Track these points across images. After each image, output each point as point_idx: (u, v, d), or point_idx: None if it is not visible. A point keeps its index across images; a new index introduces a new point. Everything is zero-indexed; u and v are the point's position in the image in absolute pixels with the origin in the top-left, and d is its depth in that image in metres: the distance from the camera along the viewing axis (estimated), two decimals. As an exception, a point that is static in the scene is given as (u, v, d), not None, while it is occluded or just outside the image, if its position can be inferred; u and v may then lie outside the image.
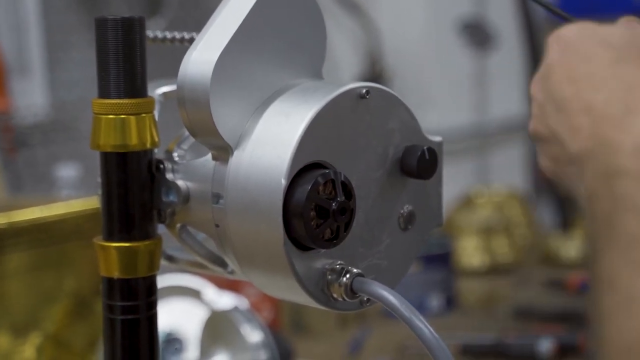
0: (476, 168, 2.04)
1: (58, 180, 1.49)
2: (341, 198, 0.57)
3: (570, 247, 1.64)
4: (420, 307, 1.39)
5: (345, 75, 2.05)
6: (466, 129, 2.00)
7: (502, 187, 1.84)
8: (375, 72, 2.02)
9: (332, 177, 0.57)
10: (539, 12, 2.00)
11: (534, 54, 2.01)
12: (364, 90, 0.59)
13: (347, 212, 0.57)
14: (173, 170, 0.61)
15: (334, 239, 0.57)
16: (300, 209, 0.56)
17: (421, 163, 0.60)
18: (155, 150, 0.62)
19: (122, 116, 0.60)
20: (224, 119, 0.58)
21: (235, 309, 1.02)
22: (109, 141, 0.60)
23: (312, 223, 0.56)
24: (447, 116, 1.99)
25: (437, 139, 0.62)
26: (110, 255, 0.61)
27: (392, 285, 0.59)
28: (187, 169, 0.61)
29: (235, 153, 0.58)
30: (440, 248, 1.43)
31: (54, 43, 1.74)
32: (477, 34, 2.07)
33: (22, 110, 1.57)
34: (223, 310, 1.02)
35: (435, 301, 1.40)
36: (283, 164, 0.56)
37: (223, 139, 0.57)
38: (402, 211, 0.61)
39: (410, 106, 0.60)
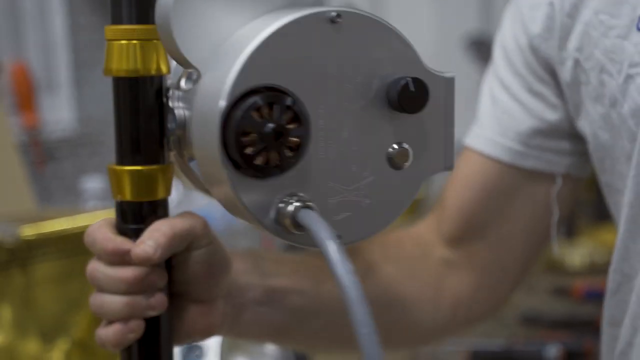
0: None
1: (84, 192, 1.48)
2: (278, 122, 0.51)
3: (575, 255, 1.62)
4: (431, 314, 1.37)
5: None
6: (472, 141, 1.99)
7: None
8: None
9: (273, 100, 0.51)
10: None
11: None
12: (334, 14, 0.52)
13: (283, 137, 0.51)
14: (179, 99, 0.58)
15: (276, 167, 0.52)
16: (231, 131, 0.51)
17: (404, 94, 0.53)
18: (169, 79, 0.59)
19: (134, 41, 0.57)
20: (189, 43, 0.54)
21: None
22: (121, 66, 0.57)
23: (247, 147, 0.51)
24: (454, 130, 1.98)
25: (448, 74, 0.55)
26: (122, 179, 0.59)
27: (379, 226, 0.55)
28: (186, 96, 0.57)
29: (202, 76, 0.54)
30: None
31: (80, 61, 1.73)
32: (482, 50, 2.06)
33: (50, 126, 1.57)
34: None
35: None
36: (225, 85, 0.51)
37: (190, 62, 0.54)
38: (392, 148, 0.54)
39: None
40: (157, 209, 0.59)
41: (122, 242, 0.58)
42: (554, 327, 1.29)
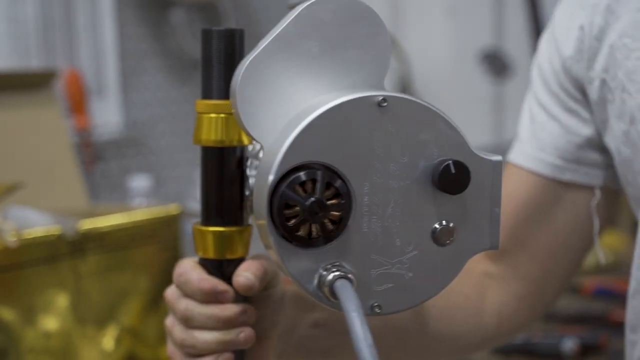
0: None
1: (130, 190, 1.49)
2: (317, 196, 0.52)
3: (585, 256, 1.62)
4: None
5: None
6: (485, 149, 1.99)
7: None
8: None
9: (314, 176, 0.52)
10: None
11: (546, 82, 2.00)
12: (380, 98, 0.52)
13: (323, 211, 0.52)
14: (255, 167, 0.60)
15: (318, 238, 0.52)
16: (277, 203, 0.52)
17: (445, 176, 0.53)
18: (250, 147, 0.62)
19: (221, 115, 0.60)
20: (253, 119, 0.55)
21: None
22: (209, 137, 0.60)
23: (291, 219, 0.52)
24: (469, 137, 1.98)
25: (495, 157, 0.55)
26: (206, 238, 0.61)
27: (420, 298, 0.55)
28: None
29: (263, 150, 0.56)
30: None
31: (127, 69, 1.74)
32: (496, 64, 2.06)
33: (99, 128, 1.58)
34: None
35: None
36: (275, 161, 0.52)
37: (252, 136, 0.55)
38: (437, 225, 0.54)
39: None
40: (236, 266, 0.62)
41: (218, 283, 0.60)
42: (569, 321, 1.29)
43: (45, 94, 1.27)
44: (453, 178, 0.53)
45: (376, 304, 0.55)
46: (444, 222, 0.54)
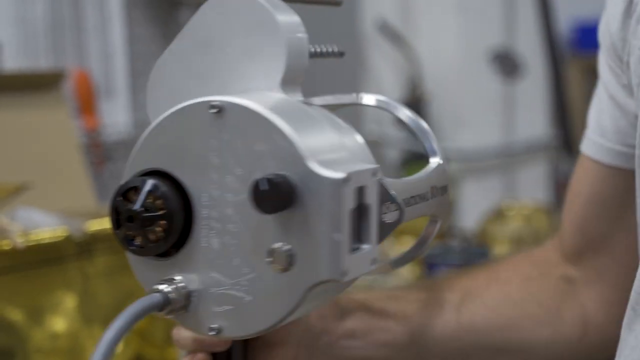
0: (504, 184, 2.03)
1: (139, 190, 1.49)
2: (133, 206, 0.50)
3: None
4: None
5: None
6: (496, 149, 1.98)
7: (529, 201, 1.82)
8: (415, 96, 2.00)
9: (137, 184, 0.51)
10: (562, 43, 1.98)
11: (557, 82, 1.99)
12: (216, 105, 0.50)
13: (136, 221, 0.50)
14: None
15: (141, 247, 0.51)
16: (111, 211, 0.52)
17: (255, 193, 0.48)
18: None
19: None
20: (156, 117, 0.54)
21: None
22: None
23: (120, 227, 0.51)
24: (479, 137, 1.97)
25: (335, 175, 0.47)
26: None
27: (261, 324, 0.51)
28: None
29: None
30: (479, 256, 1.41)
31: (136, 70, 1.74)
32: (506, 63, 2.05)
33: (108, 129, 1.58)
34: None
35: (474, 304, 1.38)
36: (126, 166, 0.53)
37: None
38: (273, 247, 0.49)
39: (445, 127, 0.53)
40: None
41: None
42: None
43: (54, 94, 1.27)
44: (264, 196, 0.47)
45: (214, 326, 0.52)
46: (280, 245, 0.49)
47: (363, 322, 0.67)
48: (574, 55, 2.34)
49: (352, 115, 0.62)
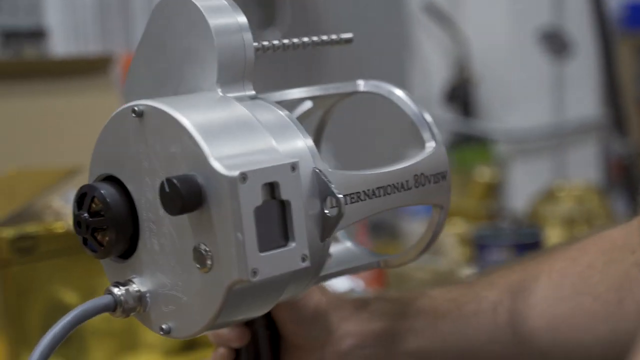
0: (555, 164, 2.00)
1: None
2: (80, 212, 0.52)
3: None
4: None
5: (435, 81, 2.03)
6: (545, 129, 1.96)
7: (580, 181, 1.79)
8: (463, 77, 1.99)
9: (84, 190, 0.53)
10: (613, 22, 1.95)
11: (608, 61, 1.96)
12: (136, 109, 0.51)
13: (82, 226, 0.52)
14: None
15: (94, 250, 0.53)
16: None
17: (161, 195, 0.49)
18: None
19: None
20: None
21: (352, 290, 1.01)
22: None
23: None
24: (529, 117, 1.95)
25: (231, 173, 0.48)
26: None
27: (197, 325, 0.51)
28: None
29: None
30: (531, 237, 1.39)
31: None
32: (556, 43, 2.02)
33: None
34: (341, 292, 1.01)
35: (526, 285, 1.37)
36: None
37: None
38: (196, 247, 0.50)
39: (494, 108, 0.51)
40: None
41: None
42: None
43: (102, 79, 1.28)
44: (168, 197, 0.49)
45: (164, 326, 0.53)
46: (200, 245, 0.50)
47: (390, 324, 0.64)
48: (624, 33, 2.30)
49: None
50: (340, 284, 1.07)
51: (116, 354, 1.08)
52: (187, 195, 0.48)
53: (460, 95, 1.97)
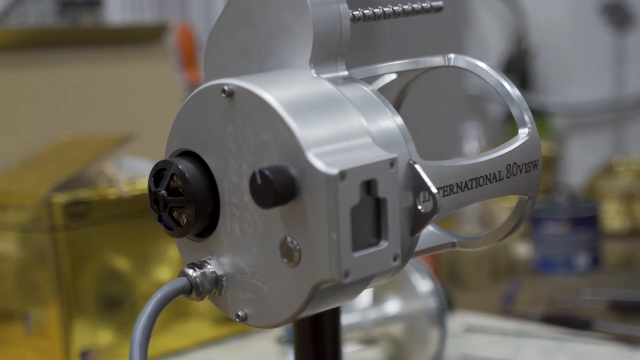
0: (614, 139, 1.96)
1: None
2: (158, 189, 0.51)
3: None
4: (568, 265, 1.34)
5: (492, 52, 2.00)
6: (605, 103, 1.92)
7: (639, 156, 1.76)
8: (520, 49, 1.95)
9: (162, 166, 0.51)
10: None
11: (672, 33, 1.91)
12: (226, 89, 0.48)
13: (160, 204, 0.50)
14: None
15: (170, 228, 0.52)
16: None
17: (252, 187, 0.46)
18: None
19: None
20: None
21: (404, 261, 1.00)
22: None
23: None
24: (588, 91, 1.92)
25: (331, 171, 0.44)
26: None
27: (276, 317, 0.49)
28: None
29: None
30: (588, 211, 1.37)
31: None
32: (617, 14, 1.98)
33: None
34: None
35: (582, 260, 1.35)
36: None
37: None
38: (283, 240, 0.47)
39: (552, 81, 0.49)
40: None
41: None
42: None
43: (157, 47, 1.28)
44: (259, 189, 0.46)
45: (240, 313, 0.51)
46: (288, 238, 0.47)
47: None
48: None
49: (451, 69, 0.60)
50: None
51: (167, 321, 1.09)
52: (280, 189, 0.45)
53: (518, 68, 1.94)
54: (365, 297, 1.07)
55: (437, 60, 0.60)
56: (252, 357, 1.05)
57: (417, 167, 0.50)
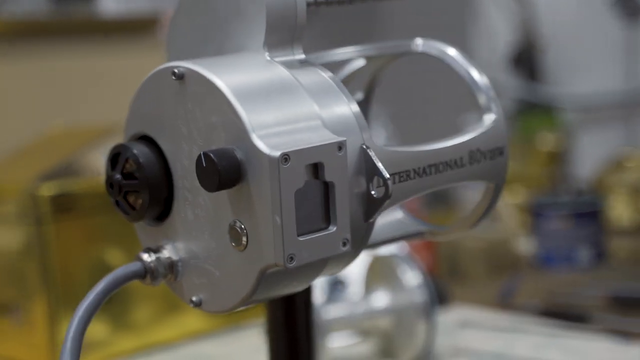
0: (624, 133, 1.94)
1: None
2: (112, 172, 0.51)
3: None
4: (570, 259, 1.32)
5: (499, 44, 1.98)
6: (615, 96, 1.89)
7: (650, 150, 1.73)
8: (529, 41, 1.93)
9: (118, 150, 0.51)
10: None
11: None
12: (176, 71, 0.48)
13: (115, 188, 0.50)
14: None
15: (125, 212, 0.52)
16: None
17: (197, 169, 0.46)
18: None
19: None
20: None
21: (396, 254, 0.99)
22: None
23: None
24: (598, 84, 1.89)
25: (274, 153, 0.44)
26: None
27: (228, 302, 0.49)
28: None
29: None
30: (591, 206, 1.35)
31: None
32: (628, 6, 1.95)
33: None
34: (384, 255, 1.00)
35: (584, 254, 1.33)
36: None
37: None
38: (232, 224, 0.47)
39: (561, 74, 0.49)
40: None
41: None
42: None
43: (150, 39, 1.28)
44: (204, 172, 0.46)
45: (194, 299, 0.51)
46: (236, 222, 0.47)
47: None
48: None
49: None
50: (383, 248, 1.05)
51: (161, 314, 1.08)
52: (224, 172, 0.45)
53: (526, 60, 1.92)
54: (356, 289, 1.06)
55: (404, 46, 0.59)
56: (245, 350, 1.04)
57: (370, 151, 0.49)
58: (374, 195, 0.50)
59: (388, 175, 0.49)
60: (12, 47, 1.17)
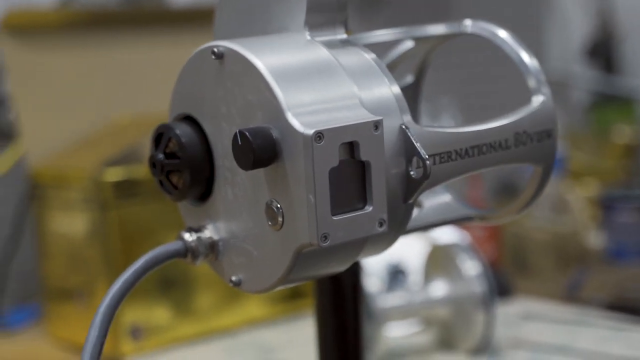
0: None
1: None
2: (154, 152, 0.51)
3: None
4: (641, 253, 1.29)
5: (574, 35, 1.94)
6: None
7: None
8: (606, 31, 1.89)
9: (161, 130, 0.51)
10: None
11: None
12: (216, 50, 0.48)
13: (157, 167, 0.51)
14: None
15: (169, 192, 0.52)
16: None
17: (233, 148, 0.46)
18: None
19: None
20: None
21: (456, 244, 0.99)
22: None
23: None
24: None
25: (308, 131, 0.44)
26: None
27: (266, 282, 0.49)
28: None
29: None
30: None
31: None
32: None
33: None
34: (444, 244, 0.99)
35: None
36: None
37: None
38: (269, 203, 0.47)
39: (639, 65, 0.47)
40: None
41: None
42: None
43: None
44: (240, 150, 0.46)
45: (234, 278, 0.51)
46: (273, 202, 0.47)
47: None
48: None
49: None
50: (444, 238, 1.05)
51: (223, 301, 1.09)
52: (259, 150, 0.45)
53: (603, 51, 1.88)
54: (416, 278, 1.06)
55: (453, 27, 0.58)
56: (304, 339, 1.05)
57: (408, 131, 0.49)
58: (413, 176, 0.49)
59: (427, 156, 0.49)
60: (82, 37, 1.20)
